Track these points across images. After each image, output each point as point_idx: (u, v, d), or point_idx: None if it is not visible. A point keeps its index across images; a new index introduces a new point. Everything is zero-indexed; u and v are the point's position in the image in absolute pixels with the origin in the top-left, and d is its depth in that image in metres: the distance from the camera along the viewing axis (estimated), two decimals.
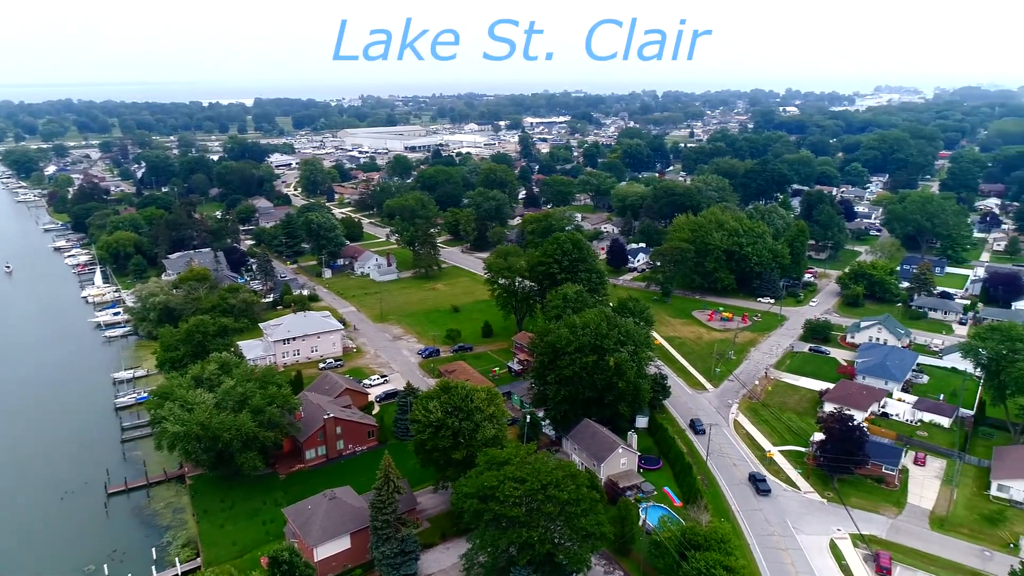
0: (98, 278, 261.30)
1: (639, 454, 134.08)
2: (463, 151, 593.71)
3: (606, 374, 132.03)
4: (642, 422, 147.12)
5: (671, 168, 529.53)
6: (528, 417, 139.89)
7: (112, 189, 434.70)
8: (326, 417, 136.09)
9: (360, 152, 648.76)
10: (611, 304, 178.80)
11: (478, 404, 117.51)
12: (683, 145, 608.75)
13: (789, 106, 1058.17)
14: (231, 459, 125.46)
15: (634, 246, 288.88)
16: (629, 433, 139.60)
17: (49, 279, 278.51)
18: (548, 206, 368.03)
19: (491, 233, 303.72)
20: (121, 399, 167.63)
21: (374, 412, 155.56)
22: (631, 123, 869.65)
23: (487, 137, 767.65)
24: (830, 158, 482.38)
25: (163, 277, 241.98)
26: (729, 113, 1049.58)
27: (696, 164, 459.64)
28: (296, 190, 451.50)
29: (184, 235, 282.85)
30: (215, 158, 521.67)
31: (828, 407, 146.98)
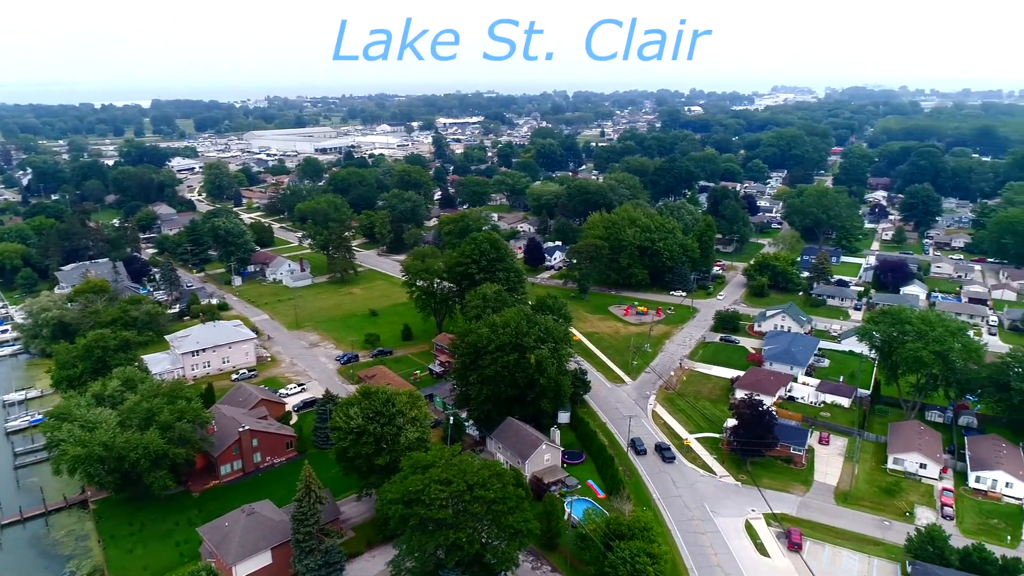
0: None
1: (562, 449, 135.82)
2: (376, 152, 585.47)
3: (527, 371, 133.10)
4: (564, 418, 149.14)
5: (584, 167, 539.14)
6: (451, 419, 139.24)
7: None
8: (241, 430, 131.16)
9: (268, 155, 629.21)
10: (530, 302, 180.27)
11: (400, 408, 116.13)
12: (595, 144, 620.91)
13: (694, 106, 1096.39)
14: (139, 480, 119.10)
15: (551, 244, 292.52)
16: (552, 429, 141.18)
17: None
18: (464, 206, 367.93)
19: (407, 235, 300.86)
20: (12, 423, 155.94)
21: (292, 422, 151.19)
22: (543, 123, 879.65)
23: (400, 138, 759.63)
24: (733, 155, 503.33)
25: (56, 290, 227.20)
26: (637, 113, 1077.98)
27: (608, 163, 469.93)
28: (201, 195, 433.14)
29: (78, 245, 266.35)
30: (110, 163, 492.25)
31: (739, 393, 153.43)
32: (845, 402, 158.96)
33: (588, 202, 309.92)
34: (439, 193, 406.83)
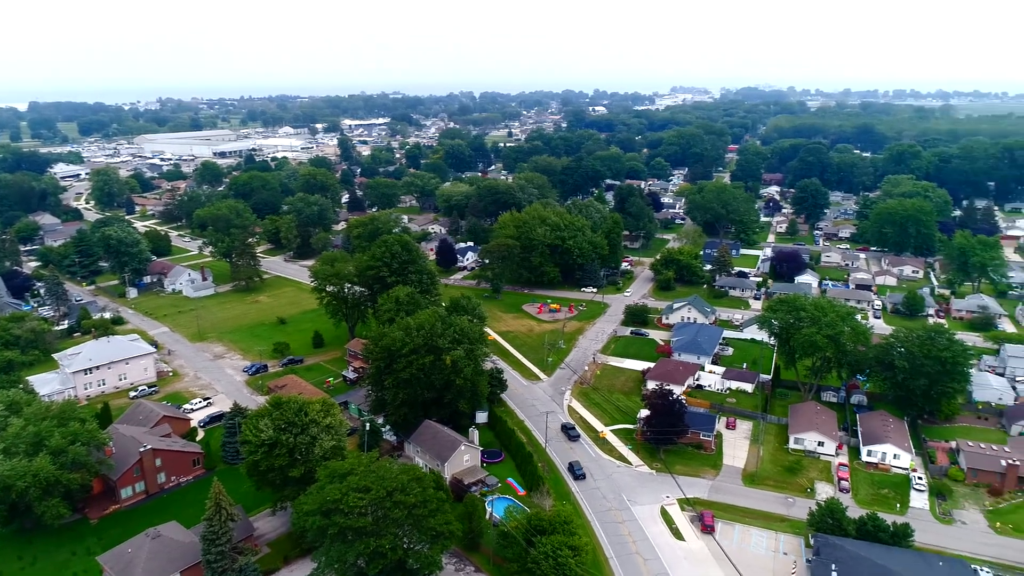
0: None
1: (481, 449, 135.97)
2: (279, 156, 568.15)
3: (444, 373, 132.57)
4: (482, 417, 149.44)
5: (493, 167, 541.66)
6: (367, 425, 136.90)
7: None
8: (142, 450, 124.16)
9: (162, 160, 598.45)
10: (444, 304, 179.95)
11: (313, 417, 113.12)
12: (503, 145, 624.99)
13: (598, 106, 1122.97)
14: (28, 510, 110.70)
15: (462, 245, 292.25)
16: (470, 430, 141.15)
17: None
18: (373, 209, 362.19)
19: (315, 240, 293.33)
20: None
21: (198, 438, 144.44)
22: (451, 124, 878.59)
23: (304, 140, 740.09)
24: (637, 154, 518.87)
25: None
26: (544, 113, 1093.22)
27: (516, 163, 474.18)
28: (88, 203, 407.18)
29: None
30: None
31: (651, 384, 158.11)
32: (749, 387, 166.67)
33: (498, 202, 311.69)
34: (347, 196, 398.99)
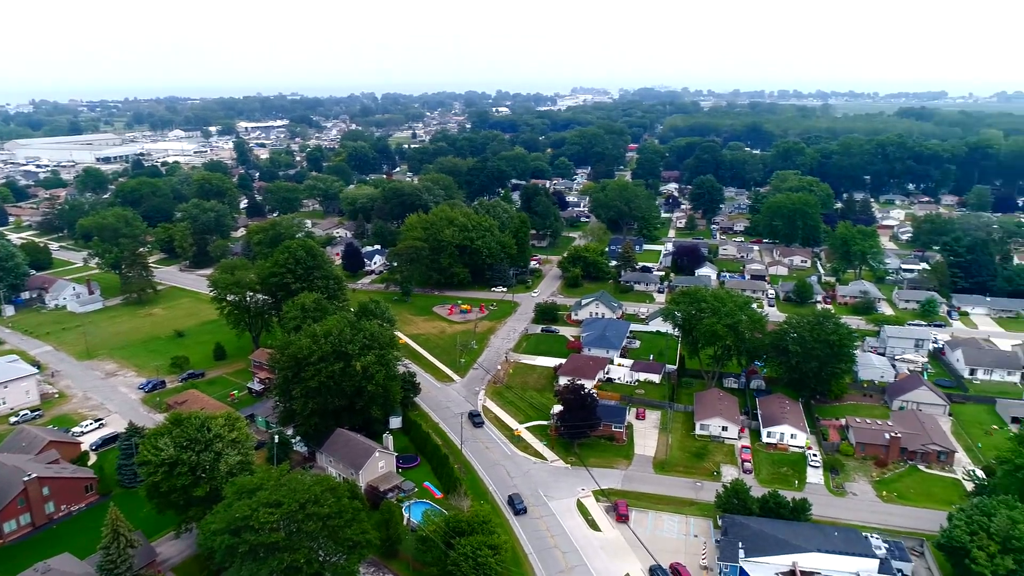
0: None
1: (396, 454, 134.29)
2: (170, 160, 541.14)
3: (354, 379, 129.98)
4: (396, 422, 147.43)
5: (398, 169, 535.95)
6: (276, 437, 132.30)
7: None
8: (26, 479, 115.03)
9: (38, 166, 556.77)
10: (352, 309, 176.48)
11: (217, 432, 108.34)
12: (407, 146, 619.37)
13: (501, 107, 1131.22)
14: None
15: (369, 248, 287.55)
16: (384, 436, 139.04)
17: None
18: (274, 214, 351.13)
19: (212, 247, 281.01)
20: None
21: (91, 463, 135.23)
22: (353, 125, 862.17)
23: (197, 144, 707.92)
24: (541, 154, 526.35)
25: None
26: (447, 114, 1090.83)
27: (422, 164, 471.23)
28: None
29: None
30: None
31: (563, 380, 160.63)
32: (656, 378, 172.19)
33: (404, 204, 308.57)
34: (245, 201, 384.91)
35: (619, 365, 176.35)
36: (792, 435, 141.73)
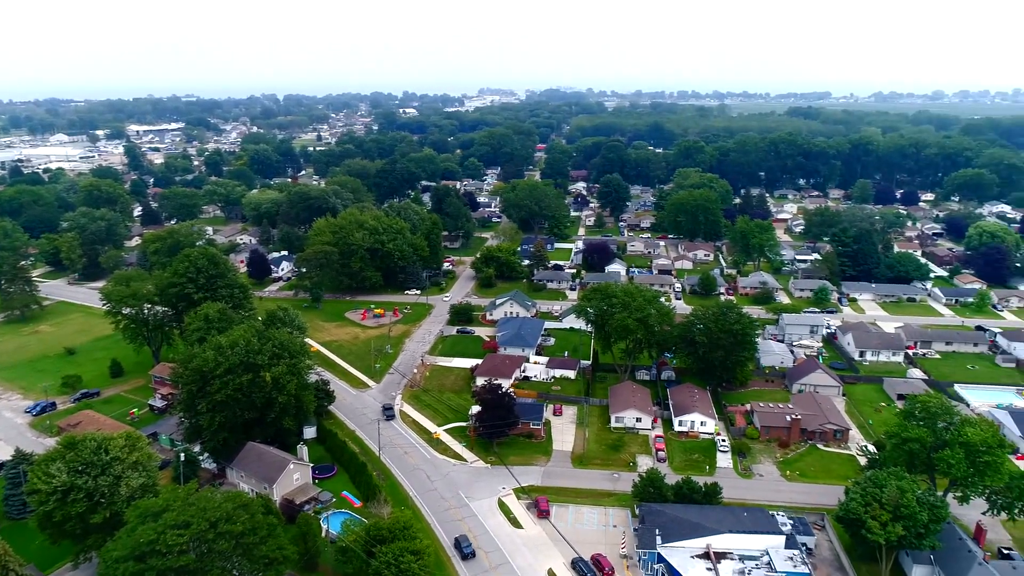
0: None
1: (312, 465, 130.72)
2: (53, 167, 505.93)
3: (264, 391, 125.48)
4: (310, 432, 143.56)
5: (303, 172, 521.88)
6: (182, 455, 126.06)
7: None
8: None
9: None
10: (260, 318, 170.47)
11: (116, 454, 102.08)
12: (312, 149, 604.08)
13: (408, 108, 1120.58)
14: None
15: (276, 254, 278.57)
16: (299, 447, 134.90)
17: None
18: (172, 221, 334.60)
19: (104, 258, 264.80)
20: None
21: None
22: (254, 128, 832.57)
23: (83, 149, 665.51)
24: (450, 155, 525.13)
25: None
26: (353, 115, 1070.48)
27: (328, 167, 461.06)
28: None
29: None
30: None
31: (480, 380, 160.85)
32: (571, 374, 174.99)
33: (312, 208, 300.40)
34: (139, 209, 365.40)
35: (535, 363, 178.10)
36: (702, 422, 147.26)
